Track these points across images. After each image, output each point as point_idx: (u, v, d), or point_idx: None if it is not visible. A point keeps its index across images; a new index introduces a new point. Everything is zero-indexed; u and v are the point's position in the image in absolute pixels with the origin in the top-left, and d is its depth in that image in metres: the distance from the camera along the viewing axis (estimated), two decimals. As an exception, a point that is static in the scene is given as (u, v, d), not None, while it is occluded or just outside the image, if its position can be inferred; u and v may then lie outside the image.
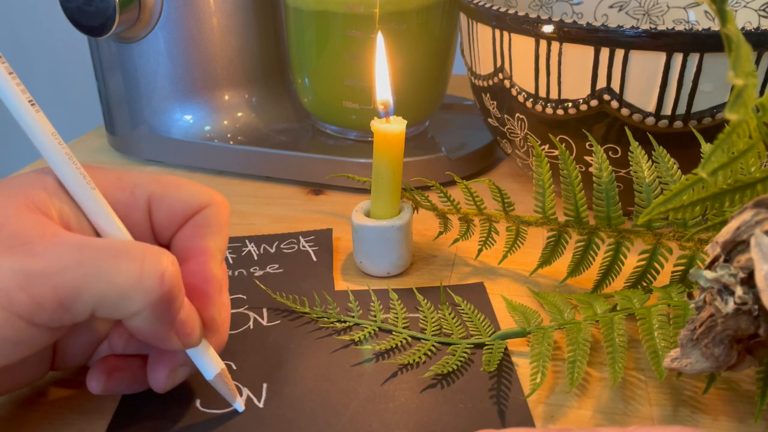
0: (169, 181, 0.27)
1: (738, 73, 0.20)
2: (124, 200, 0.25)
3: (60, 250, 0.21)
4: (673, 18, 0.50)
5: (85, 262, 0.21)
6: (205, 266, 0.26)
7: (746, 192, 0.23)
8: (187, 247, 0.26)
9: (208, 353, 0.26)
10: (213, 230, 0.26)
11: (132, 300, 0.22)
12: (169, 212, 0.26)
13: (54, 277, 0.21)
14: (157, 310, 0.22)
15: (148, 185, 0.26)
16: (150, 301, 0.22)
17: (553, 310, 0.31)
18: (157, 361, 0.26)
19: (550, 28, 0.35)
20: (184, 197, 0.26)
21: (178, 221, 0.26)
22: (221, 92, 0.52)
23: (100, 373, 0.26)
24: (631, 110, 0.35)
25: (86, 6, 0.45)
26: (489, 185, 0.35)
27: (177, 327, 0.24)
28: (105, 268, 0.21)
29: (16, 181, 0.24)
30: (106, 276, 0.21)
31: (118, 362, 0.27)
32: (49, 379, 0.28)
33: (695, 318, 0.24)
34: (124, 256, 0.22)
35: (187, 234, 0.26)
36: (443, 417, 0.26)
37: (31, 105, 0.23)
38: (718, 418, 0.26)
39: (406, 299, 0.34)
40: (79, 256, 0.21)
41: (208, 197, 0.27)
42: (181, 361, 0.26)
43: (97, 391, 0.26)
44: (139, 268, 0.22)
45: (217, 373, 0.26)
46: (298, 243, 0.40)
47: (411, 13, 0.45)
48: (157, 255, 0.22)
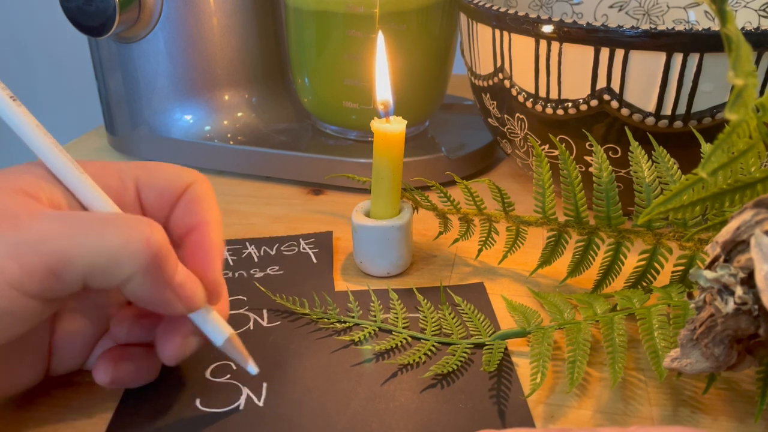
0: (151, 165, 0.28)
1: (738, 73, 0.20)
2: (114, 186, 0.26)
3: (46, 220, 0.22)
4: (673, 18, 0.50)
5: (71, 231, 0.22)
6: (205, 235, 0.27)
7: (746, 192, 0.23)
8: (185, 223, 0.27)
9: (214, 319, 0.26)
10: (205, 204, 0.27)
11: (121, 264, 0.22)
12: (157, 193, 0.27)
13: (42, 245, 0.21)
14: (149, 273, 0.23)
15: (133, 170, 0.27)
16: (139, 263, 0.22)
17: (553, 310, 0.31)
18: (166, 333, 0.27)
19: (550, 28, 0.35)
20: (169, 177, 0.27)
21: (167, 201, 0.27)
22: (221, 92, 0.52)
23: (106, 363, 0.26)
24: (631, 110, 0.35)
25: (86, 6, 0.45)
26: (489, 185, 0.35)
27: (176, 289, 0.24)
28: (91, 235, 0.22)
29: (7, 170, 0.25)
30: (93, 242, 0.22)
31: (123, 352, 0.27)
32: (49, 379, 0.28)
33: (695, 318, 0.24)
34: (109, 223, 0.23)
35: (182, 212, 0.27)
36: (443, 417, 0.26)
37: (12, 100, 0.24)
38: (718, 418, 0.26)
39: (406, 299, 0.34)
40: (65, 225, 0.22)
41: (191, 175, 0.28)
42: (190, 329, 0.27)
43: (105, 381, 0.26)
44: (124, 233, 0.22)
45: (227, 338, 0.26)
46: (298, 245, 0.40)
47: (411, 13, 0.45)
48: (141, 221, 0.23)
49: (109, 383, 0.26)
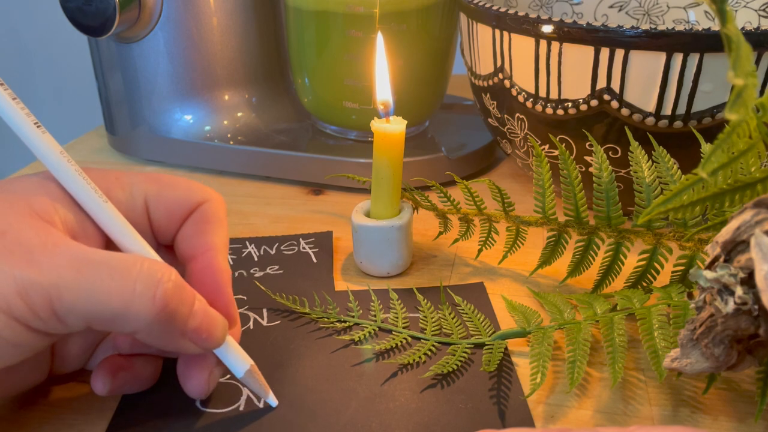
0: (163, 180, 0.27)
1: (738, 73, 0.20)
2: (124, 200, 0.26)
3: (59, 262, 0.21)
4: (673, 18, 0.50)
5: (80, 280, 0.21)
6: (214, 261, 0.26)
7: (746, 192, 0.23)
8: (192, 244, 0.26)
9: (233, 350, 0.26)
10: (215, 226, 0.27)
11: (125, 320, 0.22)
12: (167, 211, 0.26)
13: (50, 289, 0.21)
14: (158, 327, 0.22)
15: (144, 184, 0.26)
16: (145, 320, 0.22)
17: (553, 310, 0.31)
18: (189, 366, 0.26)
19: (550, 28, 0.35)
20: (180, 195, 0.27)
21: (176, 219, 0.27)
22: (221, 92, 0.52)
23: (105, 374, 0.26)
24: (631, 110, 0.35)
25: (86, 6, 0.45)
26: (489, 185, 0.35)
27: (189, 335, 0.24)
28: (98, 289, 0.21)
29: (18, 185, 0.24)
30: (98, 297, 0.21)
31: (122, 362, 0.27)
32: (49, 379, 0.28)
33: (695, 318, 0.24)
34: (119, 275, 0.22)
35: (190, 232, 0.27)
36: (443, 417, 0.26)
37: (37, 127, 0.23)
38: (718, 418, 0.26)
39: (406, 299, 0.34)
40: (76, 273, 0.21)
41: (204, 194, 0.27)
42: (213, 362, 0.26)
43: (103, 392, 0.26)
44: (131, 289, 0.22)
45: (247, 370, 0.26)
46: (298, 245, 0.40)
47: (411, 13, 0.45)
48: (152, 272, 0.22)
49: (107, 393, 0.26)
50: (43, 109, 1.06)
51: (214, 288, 0.26)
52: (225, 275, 0.26)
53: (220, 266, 0.26)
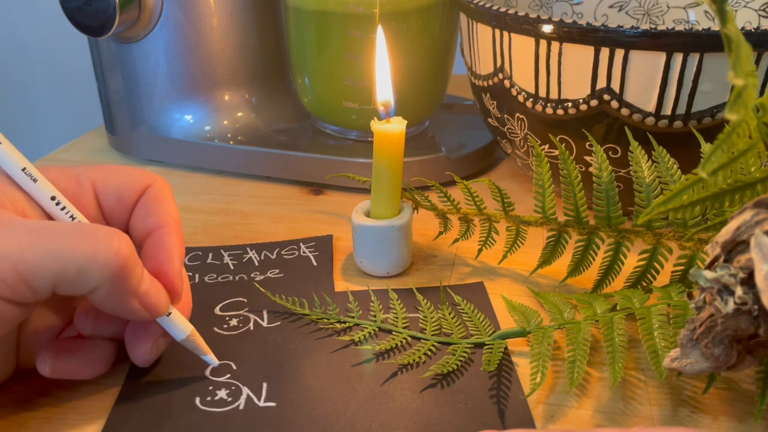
0: (106, 168, 0.28)
1: (738, 73, 0.20)
2: (72, 189, 0.27)
3: (18, 232, 0.23)
4: (673, 18, 0.50)
5: (42, 241, 0.23)
6: (164, 237, 0.27)
7: (746, 192, 0.23)
8: (144, 225, 0.28)
9: (175, 319, 0.28)
10: (163, 205, 0.28)
11: (89, 275, 0.23)
12: (116, 196, 0.28)
13: (14, 255, 0.22)
14: (115, 283, 0.24)
15: (90, 173, 0.28)
16: (107, 274, 0.23)
17: (553, 310, 0.31)
18: (135, 337, 0.28)
19: (549, 28, 0.35)
20: (126, 180, 0.28)
21: (126, 204, 0.28)
22: (221, 92, 0.52)
23: (47, 354, 0.27)
24: (631, 110, 0.35)
25: (86, 6, 0.45)
26: (489, 185, 0.35)
27: (141, 298, 0.25)
28: (62, 246, 0.23)
29: None
30: (63, 253, 0.23)
31: (68, 344, 0.28)
32: (49, 379, 0.28)
33: (695, 318, 0.24)
34: (79, 235, 0.23)
35: (141, 214, 0.28)
36: (443, 417, 0.26)
37: None
38: (718, 418, 0.26)
39: (406, 299, 0.34)
40: (36, 235, 0.23)
41: (148, 177, 0.29)
42: (159, 332, 0.28)
43: (46, 372, 0.27)
44: (93, 245, 0.23)
45: (187, 335, 0.28)
46: (298, 249, 0.40)
47: (411, 13, 0.45)
48: (109, 232, 0.24)
49: (49, 373, 0.27)
50: (43, 109, 1.06)
51: (162, 261, 0.27)
52: (174, 250, 0.27)
53: (169, 242, 0.27)
